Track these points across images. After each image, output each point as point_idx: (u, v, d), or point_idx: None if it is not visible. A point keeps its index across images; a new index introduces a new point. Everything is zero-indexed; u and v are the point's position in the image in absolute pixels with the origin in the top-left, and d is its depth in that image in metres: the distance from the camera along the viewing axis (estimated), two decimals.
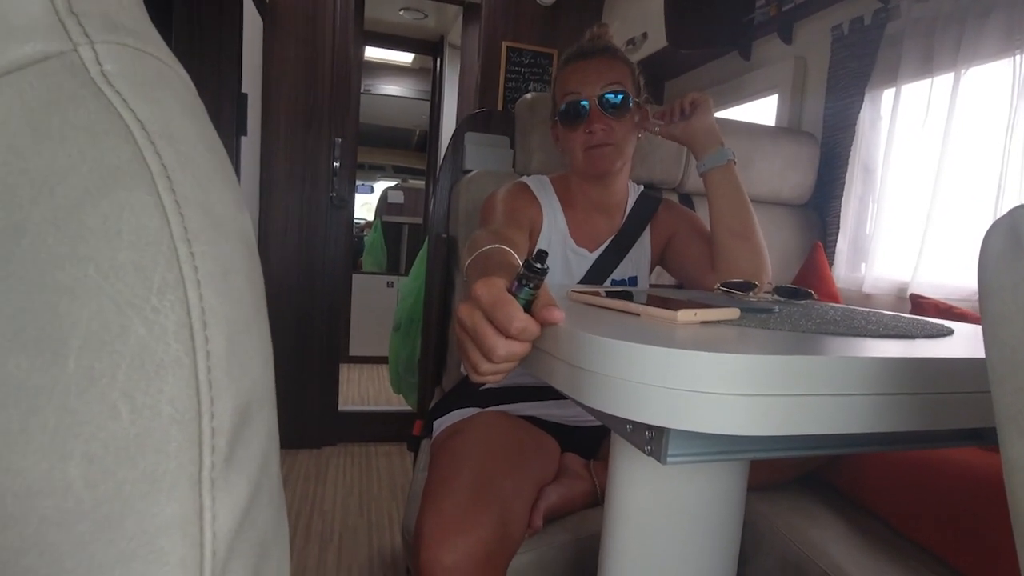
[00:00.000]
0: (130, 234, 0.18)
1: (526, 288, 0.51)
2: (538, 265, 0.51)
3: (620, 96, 1.04)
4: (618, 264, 1.15)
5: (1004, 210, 1.13)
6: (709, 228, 1.09)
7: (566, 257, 1.14)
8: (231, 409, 0.19)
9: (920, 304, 1.15)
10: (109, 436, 0.16)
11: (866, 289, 1.41)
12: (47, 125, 0.18)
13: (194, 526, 0.17)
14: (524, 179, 1.18)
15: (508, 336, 0.50)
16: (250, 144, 2.07)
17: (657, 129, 1.10)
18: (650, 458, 0.48)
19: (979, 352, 0.51)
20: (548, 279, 1.18)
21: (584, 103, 1.03)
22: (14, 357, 0.16)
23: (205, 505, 0.18)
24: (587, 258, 1.15)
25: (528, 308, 0.52)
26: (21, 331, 0.16)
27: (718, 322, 0.56)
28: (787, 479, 1.07)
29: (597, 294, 0.65)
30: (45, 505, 0.15)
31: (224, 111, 1.74)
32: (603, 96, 1.03)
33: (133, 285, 0.18)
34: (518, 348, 0.51)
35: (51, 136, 0.18)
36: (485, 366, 0.52)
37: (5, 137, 0.18)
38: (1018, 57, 1.10)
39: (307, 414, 2.33)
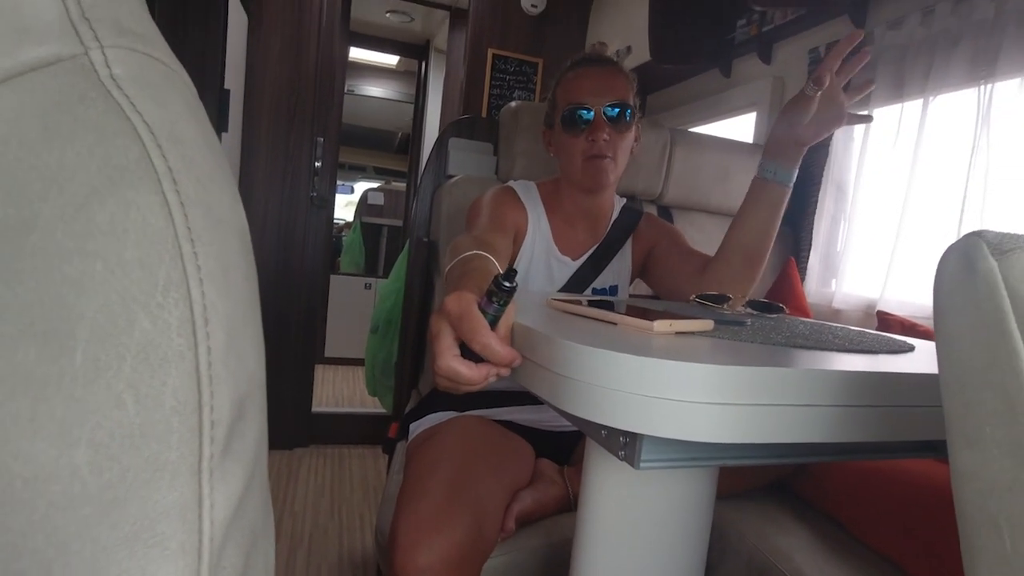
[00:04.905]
0: (136, 232, 0.19)
1: (495, 304, 0.53)
2: (506, 284, 0.53)
3: (627, 111, 1.05)
4: (599, 273, 1.17)
5: (964, 232, 1.18)
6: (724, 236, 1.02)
7: (548, 264, 1.16)
8: (229, 402, 0.20)
9: (886, 321, 1.19)
10: (115, 425, 0.17)
11: (836, 305, 1.45)
12: (58, 124, 0.19)
13: (193, 513, 0.18)
14: (511, 183, 1.19)
15: (472, 347, 0.53)
16: (230, 141, 2.05)
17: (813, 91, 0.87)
18: (623, 463, 0.49)
19: (936, 368, 0.54)
20: (531, 285, 1.18)
21: (589, 112, 1.04)
22: (24, 347, 0.17)
23: (204, 493, 0.19)
24: (569, 266, 1.16)
25: (497, 322, 0.54)
26: (31, 323, 0.17)
27: (693, 333, 0.58)
28: (752, 488, 1.10)
29: (579, 303, 0.67)
30: (53, 490, 0.16)
31: (205, 106, 1.72)
32: (608, 108, 1.04)
33: (139, 281, 0.19)
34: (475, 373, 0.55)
35: (61, 135, 0.19)
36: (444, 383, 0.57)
37: (17, 135, 0.18)
38: (982, 87, 1.15)
39: (280, 414, 2.30)
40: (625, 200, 1.25)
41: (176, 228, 0.20)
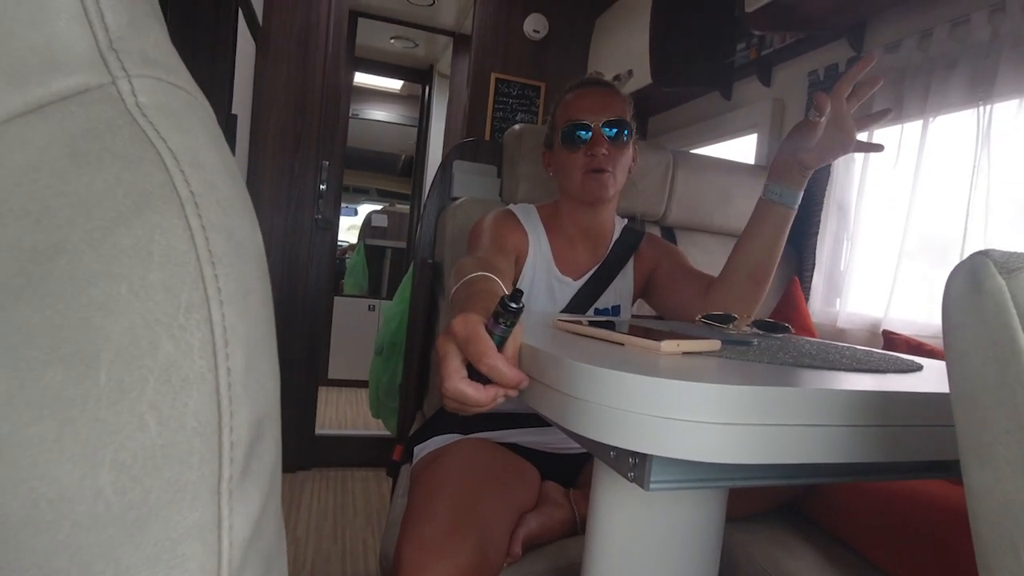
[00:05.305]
0: (160, 255, 0.20)
1: (502, 325, 0.54)
2: (512, 305, 0.53)
3: (624, 130, 1.08)
4: (601, 293, 1.17)
5: (968, 251, 1.19)
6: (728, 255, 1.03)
7: (550, 284, 1.16)
8: (248, 423, 0.20)
9: (892, 340, 1.19)
10: (137, 446, 0.17)
11: (840, 324, 1.45)
12: (86, 151, 0.20)
13: (213, 534, 0.18)
14: (511, 206, 1.20)
15: (480, 369, 0.54)
16: (237, 165, 2.07)
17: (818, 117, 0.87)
18: (632, 485, 0.49)
19: (946, 387, 0.54)
20: (533, 305, 1.19)
21: (588, 128, 1.07)
22: (51, 370, 0.17)
23: (223, 514, 0.19)
24: (571, 286, 1.17)
25: (503, 343, 0.54)
26: (57, 345, 0.17)
27: (700, 353, 0.58)
28: (761, 510, 1.09)
29: (579, 323, 0.67)
30: (77, 510, 0.16)
31: None
32: (607, 125, 1.07)
33: (162, 303, 0.19)
34: (483, 395, 0.55)
35: (90, 162, 0.20)
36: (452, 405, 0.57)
37: (48, 162, 0.19)
38: (981, 108, 1.16)
39: (283, 437, 2.28)
40: (626, 221, 1.26)
41: (198, 252, 0.21)
